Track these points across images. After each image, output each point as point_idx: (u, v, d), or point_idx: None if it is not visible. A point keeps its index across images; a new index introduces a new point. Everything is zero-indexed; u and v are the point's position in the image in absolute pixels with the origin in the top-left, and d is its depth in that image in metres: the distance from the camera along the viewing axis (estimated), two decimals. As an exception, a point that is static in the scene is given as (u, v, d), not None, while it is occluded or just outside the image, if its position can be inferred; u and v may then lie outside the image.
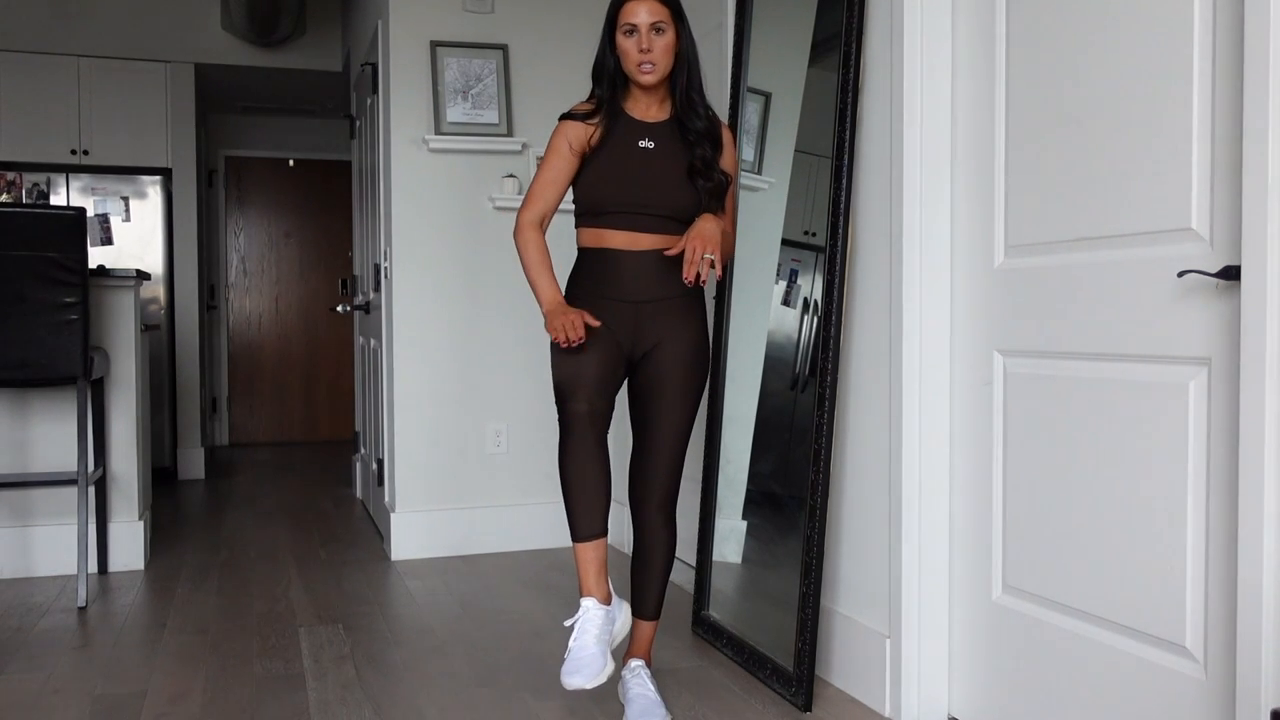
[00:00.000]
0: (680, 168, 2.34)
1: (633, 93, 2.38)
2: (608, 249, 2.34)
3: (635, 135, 2.35)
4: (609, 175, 2.33)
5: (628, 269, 2.33)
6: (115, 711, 2.53)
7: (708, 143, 2.35)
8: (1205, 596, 1.78)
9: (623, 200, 2.31)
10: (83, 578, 3.44)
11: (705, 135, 2.35)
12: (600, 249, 2.35)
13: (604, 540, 2.25)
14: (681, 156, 2.35)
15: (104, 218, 6.02)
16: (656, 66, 2.30)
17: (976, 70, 2.29)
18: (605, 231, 2.34)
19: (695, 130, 2.35)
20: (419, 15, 4.14)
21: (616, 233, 2.33)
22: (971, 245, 2.32)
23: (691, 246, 2.23)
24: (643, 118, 2.37)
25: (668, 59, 2.32)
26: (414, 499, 4.16)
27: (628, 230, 2.32)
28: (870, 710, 2.48)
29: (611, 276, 2.34)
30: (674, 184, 2.33)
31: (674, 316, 2.37)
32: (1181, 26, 1.79)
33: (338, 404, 7.95)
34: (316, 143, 7.94)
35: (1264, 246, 1.59)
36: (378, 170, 4.50)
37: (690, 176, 2.34)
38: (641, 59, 2.29)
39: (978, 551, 2.32)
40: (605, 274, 2.35)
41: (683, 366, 2.37)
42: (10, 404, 3.81)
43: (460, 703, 2.57)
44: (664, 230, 2.33)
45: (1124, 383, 1.92)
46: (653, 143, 2.35)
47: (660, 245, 2.33)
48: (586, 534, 2.23)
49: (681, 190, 2.33)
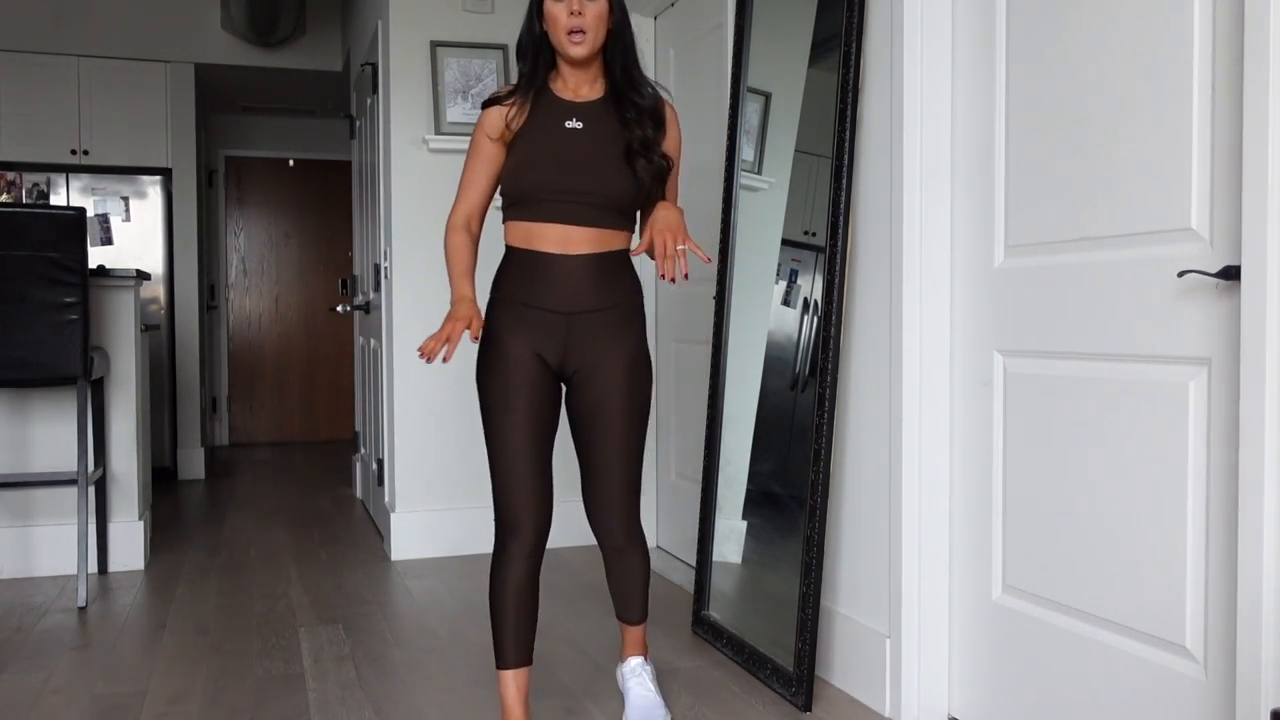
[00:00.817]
0: (615, 149, 2.13)
1: (561, 70, 2.19)
2: (537, 251, 2.13)
3: (561, 115, 2.15)
4: (531, 160, 2.12)
5: (558, 275, 2.12)
6: (115, 711, 2.53)
7: (649, 122, 2.16)
8: (1205, 596, 1.78)
9: (549, 187, 2.10)
10: (83, 578, 3.44)
11: (647, 114, 2.16)
12: (529, 250, 2.14)
13: (530, 669, 2.21)
14: (616, 137, 2.14)
15: (104, 218, 6.02)
16: (588, 35, 2.10)
17: (976, 70, 2.30)
18: (535, 227, 2.13)
19: (636, 108, 2.15)
20: (419, 15, 4.14)
21: (547, 229, 2.12)
22: (971, 245, 2.32)
23: (662, 240, 2.04)
24: (571, 97, 2.18)
25: (600, 28, 2.11)
26: (414, 499, 4.16)
27: (559, 224, 2.11)
28: (870, 710, 2.48)
29: (540, 283, 2.13)
30: (607, 167, 2.12)
31: (610, 331, 2.17)
32: (1181, 26, 1.79)
33: (338, 404, 7.95)
34: (316, 143, 7.94)
35: (1264, 246, 1.60)
36: (378, 170, 4.50)
37: (628, 159, 2.13)
38: (571, 24, 2.08)
39: (978, 551, 2.32)
40: (533, 279, 2.13)
41: (623, 386, 2.18)
42: (10, 404, 3.81)
43: (460, 703, 2.57)
44: (601, 224, 2.13)
45: (1124, 383, 1.92)
46: (581, 123, 2.14)
47: (598, 246, 2.13)
48: (516, 663, 2.17)
49: (617, 174, 2.12)
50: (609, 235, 2.15)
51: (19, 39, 5.84)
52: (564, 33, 2.10)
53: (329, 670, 2.81)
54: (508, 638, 2.16)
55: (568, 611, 3.34)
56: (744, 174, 3.07)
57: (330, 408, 8.04)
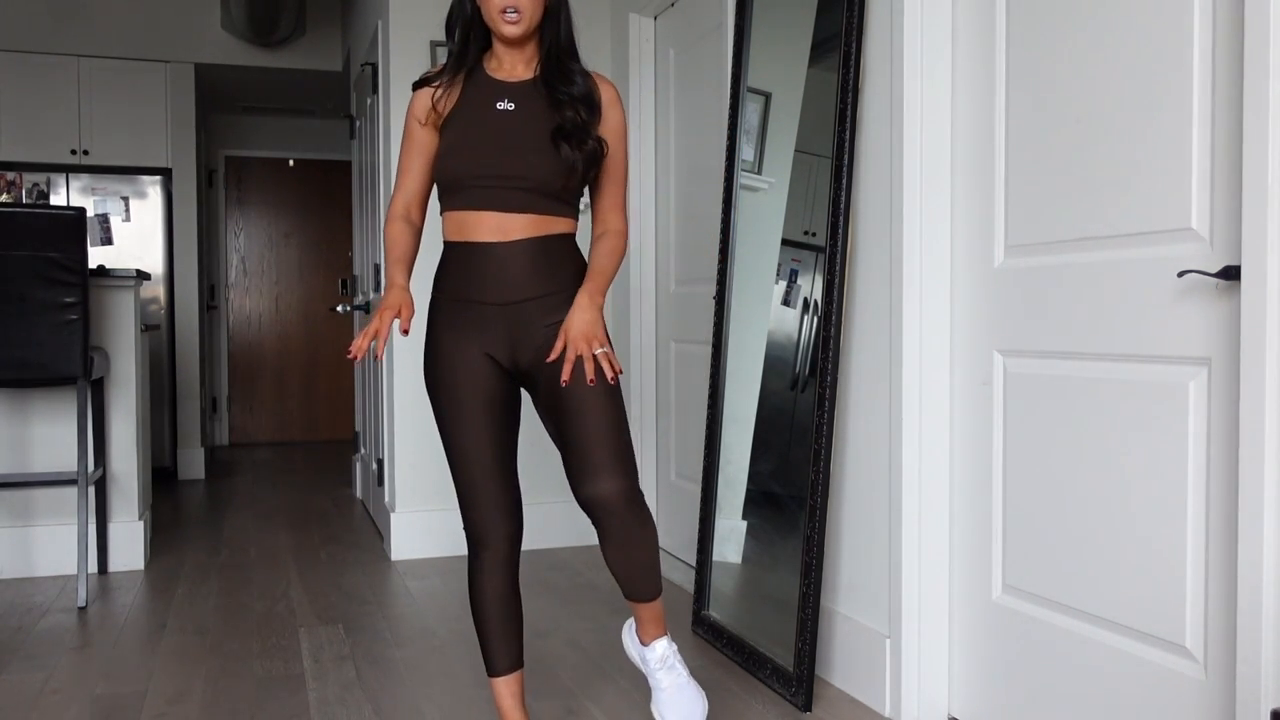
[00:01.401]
0: (544, 131, 2.01)
1: (495, 51, 2.07)
2: (472, 242, 2.02)
3: (492, 96, 2.04)
4: (461, 143, 2.02)
5: (494, 264, 2.00)
6: (115, 711, 2.53)
7: (582, 105, 2.03)
8: (1205, 596, 1.78)
9: (480, 172, 1.99)
10: (83, 578, 3.44)
11: (579, 99, 2.04)
12: (464, 243, 2.03)
13: (522, 671, 2.16)
14: (547, 118, 2.02)
15: (104, 218, 6.02)
16: (523, 15, 1.97)
17: (976, 70, 2.30)
18: (469, 216, 2.01)
19: (565, 94, 2.03)
20: (419, 15, 4.14)
21: (482, 217, 2.00)
22: (971, 245, 2.32)
23: (575, 347, 1.92)
24: (505, 77, 2.06)
25: (536, 8, 1.99)
26: (414, 499, 4.16)
27: (493, 210, 1.99)
28: (870, 710, 2.48)
29: (476, 274, 2.01)
30: (537, 149, 1.99)
31: (557, 316, 2.02)
32: (1181, 26, 1.79)
33: (338, 404, 7.95)
34: (316, 143, 7.94)
35: (1264, 246, 1.59)
36: (378, 170, 4.50)
37: (555, 141, 2.00)
38: (506, 3, 1.96)
39: (978, 551, 2.32)
40: (470, 272, 2.02)
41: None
42: (10, 404, 3.81)
43: (460, 703, 2.57)
44: (536, 209, 2.01)
45: (1124, 383, 1.92)
46: (513, 104, 2.03)
47: (535, 231, 2.01)
48: (506, 669, 2.13)
49: (546, 157, 1.99)
50: (546, 221, 2.03)
51: (19, 39, 5.84)
52: (497, 11, 1.97)
53: (329, 670, 2.81)
54: (495, 646, 2.13)
55: (568, 611, 3.34)
56: (744, 174, 3.07)
57: (330, 408, 8.04)
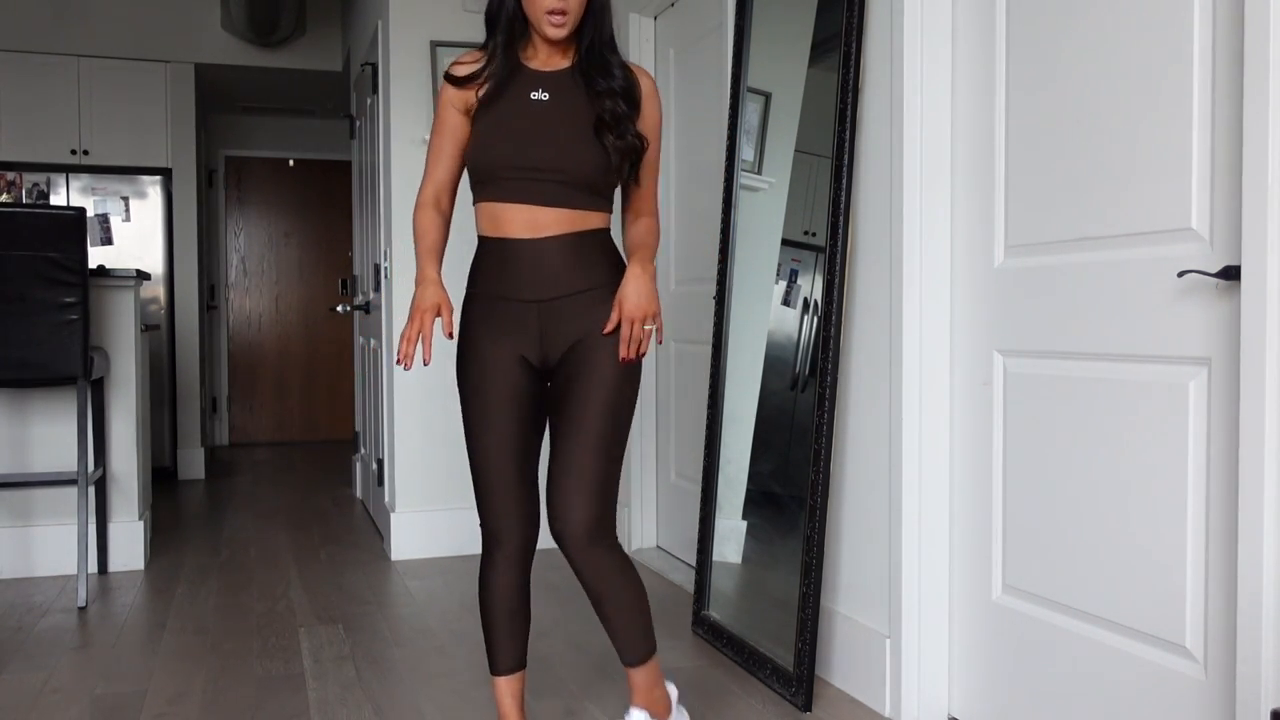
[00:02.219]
0: (584, 121, 1.95)
1: (532, 39, 2.00)
2: (505, 239, 1.96)
3: (527, 86, 1.98)
4: (495, 134, 1.96)
5: (527, 261, 1.95)
6: (115, 711, 2.53)
7: (621, 98, 1.98)
8: (1205, 596, 1.78)
9: (514, 163, 1.93)
10: (83, 578, 3.44)
11: (619, 92, 1.98)
12: (497, 239, 1.98)
13: (524, 672, 2.14)
14: (586, 108, 1.96)
15: (104, 218, 6.02)
16: (569, 17, 1.92)
17: (976, 70, 2.30)
18: (501, 209, 1.96)
19: (605, 85, 1.98)
20: (419, 15, 4.14)
21: (514, 210, 1.95)
22: (971, 245, 2.32)
23: (629, 321, 1.92)
24: (540, 66, 2.01)
25: (581, 8, 1.93)
26: (414, 499, 4.16)
27: (526, 204, 1.94)
28: (870, 710, 2.48)
29: (510, 271, 1.96)
30: (576, 140, 1.94)
31: (591, 316, 1.97)
32: (1181, 26, 1.79)
33: (338, 404, 7.95)
34: (316, 143, 7.94)
35: (1264, 246, 1.60)
36: (378, 170, 4.50)
37: (597, 132, 1.95)
38: (553, 5, 1.90)
39: (978, 551, 2.32)
40: (502, 269, 1.97)
41: (606, 379, 1.95)
42: (10, 404, 3.81)
43: (460, 703, 2.57)
44: (571, 204, 1.95)
45: (1124, 383, 1.92)
46: (548, 94, 1.97)
47: (569, 227, 1.96)
48: (509, 668, 2.11)
49: (586, 148, 1.94)
50: (581, 216, 1.97)
51: (19, 39, 5.84)
52: (543, 12, 1.91)
53: (329, 670, 2.81)
54: (500, 644, 2.12)
55: (568, 611, 3.34)
56: (744, 174, 3.07)
57: (330, 408, 8.04)
